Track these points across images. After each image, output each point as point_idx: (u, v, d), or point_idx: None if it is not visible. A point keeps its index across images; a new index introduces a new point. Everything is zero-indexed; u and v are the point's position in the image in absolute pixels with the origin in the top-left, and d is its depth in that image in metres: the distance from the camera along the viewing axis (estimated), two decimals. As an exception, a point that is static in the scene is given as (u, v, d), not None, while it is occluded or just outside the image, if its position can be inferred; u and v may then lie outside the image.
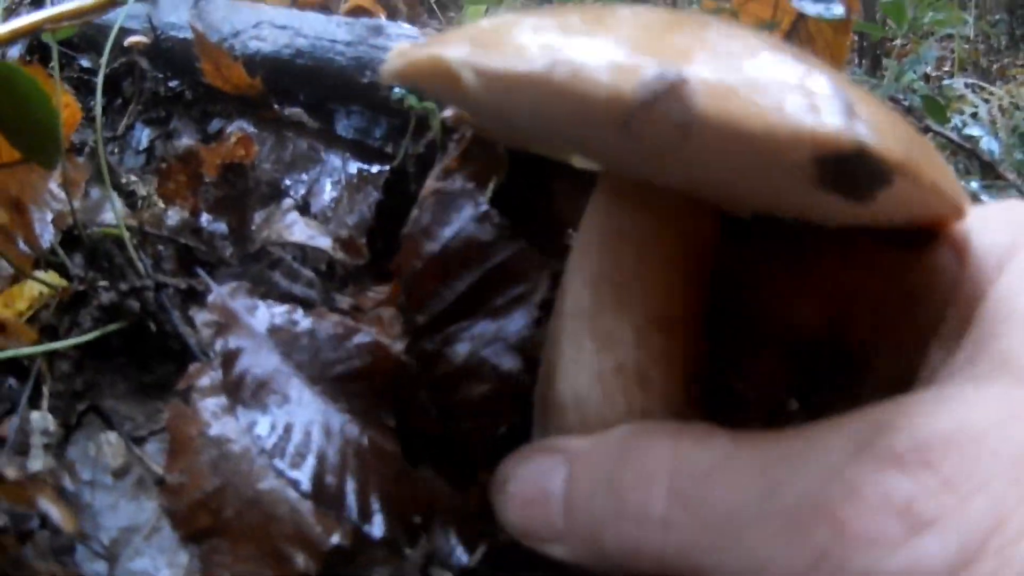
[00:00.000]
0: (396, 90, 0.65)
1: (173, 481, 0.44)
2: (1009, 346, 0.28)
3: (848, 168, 0.25)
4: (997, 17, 3.46)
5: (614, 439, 0.32)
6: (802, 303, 0.37)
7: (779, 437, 0.28)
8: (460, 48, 0.27)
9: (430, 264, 0.46)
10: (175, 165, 0.65)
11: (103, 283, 0.59)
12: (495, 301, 0.44)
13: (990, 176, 1.18)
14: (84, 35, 1.24)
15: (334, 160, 0.73)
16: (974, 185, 1.03)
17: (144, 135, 1.07)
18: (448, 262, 0.46)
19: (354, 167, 0.72)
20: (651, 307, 0.35)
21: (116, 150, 1.07)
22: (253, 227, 0.65)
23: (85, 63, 1.22)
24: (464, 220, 0.46)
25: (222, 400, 0.47)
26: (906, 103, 2.13)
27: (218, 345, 0.49)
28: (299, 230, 0.59)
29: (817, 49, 0.89)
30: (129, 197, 0.92)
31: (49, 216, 0.72)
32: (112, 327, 0.56)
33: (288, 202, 0.64)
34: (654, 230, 0.36)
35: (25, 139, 0.65)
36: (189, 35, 0.99)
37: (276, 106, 0.83)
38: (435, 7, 2.16)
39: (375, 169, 0.71)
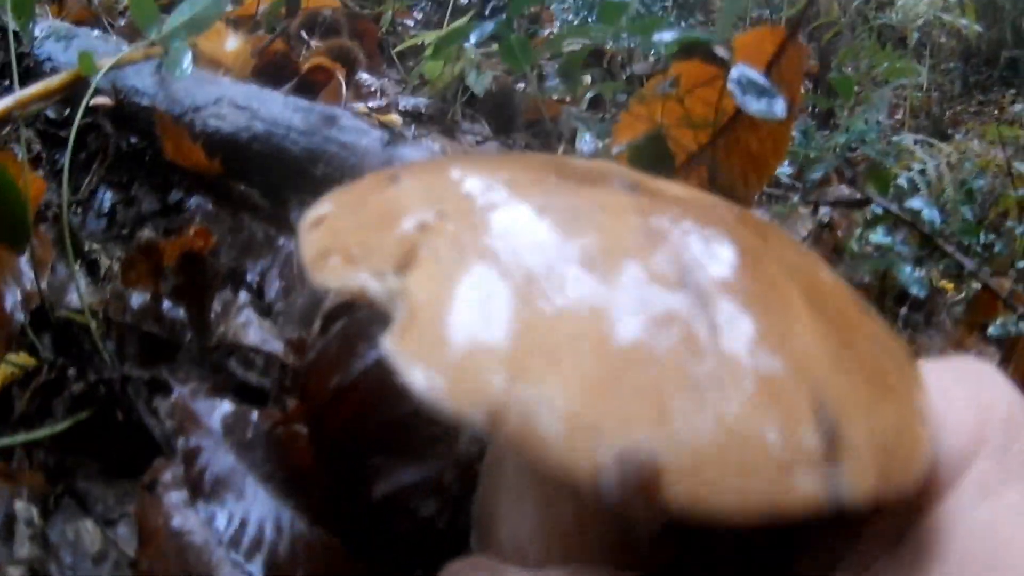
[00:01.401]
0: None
1: (144, 567, 0.52)
2: None
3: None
4: (951, 65, 3.62)
5: None
6: None
7: None
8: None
9: (342, 395, 0.54)
10: (137, 256, 0.74)
11: (72, 370, 0.67)
12: (412, 441, 0.52)
13: (928, 247, 1.26)
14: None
15: (288, 247, 0.82)
16: (908, 271, 1.10)
17: (106, 198, 1.15)
18: (361, 396, 0.53)
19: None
20: None
21: (79, 210, 1.14)
22: (212, 315, 0.73)
23: (50, 113, 1.30)
24: (369, 361, 0.53)
25: (184, 494, 0.55)
26: (856, 153, 2.24)
27: (179, 443, 0.57)
28: (254, 332, 0.68)
29: (761, 135, 0.95)
30: (92, 267, 0.99)
31: (19, 296, 0.80)
32: (83, 414, 0.65)
33: (243, 297, 0.72)
34: None
35: None
36: (152, 103, 1.07)
37: (233, 187, 0.92)
38: (395, 58, 2.25)
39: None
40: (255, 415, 0.59)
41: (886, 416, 0.28)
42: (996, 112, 3.63)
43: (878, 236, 1.20)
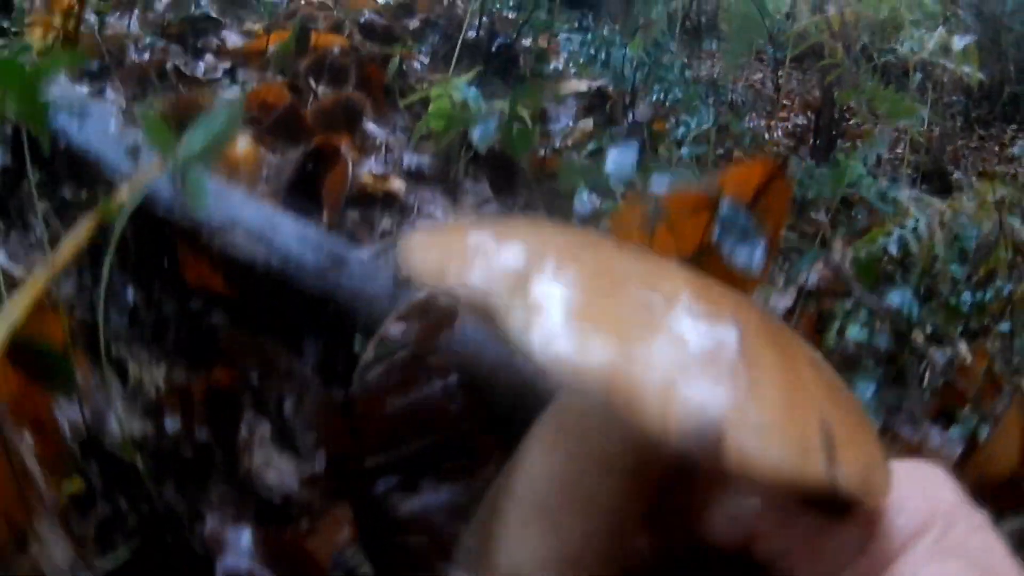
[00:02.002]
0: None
1: None
2: None
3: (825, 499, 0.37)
4: (953, 98, 3.74)
5: None
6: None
7: None
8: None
9: (393, 418, 0.69)
10: (168, 396, 0.91)
11: (123, 502, 0.84)
12: (445, 467, 0.66)
13: (903, 346, 1.36)
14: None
15: (304, 374, 0.98)
16: (872, 391, 1.20)
17: (128, 293, 1.30)
18: (411, 420, 0.68)
19: (318, 389, 0.96)
20: (603, 517, 0.43)
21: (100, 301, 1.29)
22: (240, 440, 0.90)
23: (66, 195, 1.44)
24: (434, 388, 0.68)
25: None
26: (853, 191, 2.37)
27: (218, 566, 0.73)
28: (273, 473, 0.84)
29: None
30: (120, 368, 1.14)
31: (68, 426, 0.95)
32: (137, 542, 0.81)
33: (264, 429, 0.89)
34: (621, 452, 0.43)
35: (44, 378, 0.87)
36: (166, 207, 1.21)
37: (251, 307, 1.08)
38: (401, 107, 2.40)
39: (335, 393, 0.95)
40: (276, 534, 0.76)
41: (866, 446, 0.39)
42: (996, 148, 3.76)
43: (855, 332, 1.31)
